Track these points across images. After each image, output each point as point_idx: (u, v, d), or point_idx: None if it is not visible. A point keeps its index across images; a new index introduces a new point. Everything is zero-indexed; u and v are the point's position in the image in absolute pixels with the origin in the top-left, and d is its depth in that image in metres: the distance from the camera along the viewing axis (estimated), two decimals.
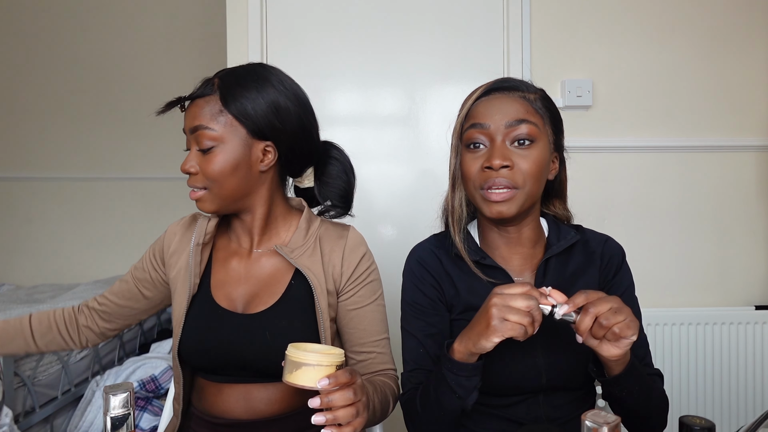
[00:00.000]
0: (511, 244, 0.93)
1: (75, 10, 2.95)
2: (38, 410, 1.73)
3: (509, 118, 0.86)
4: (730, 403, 1.75)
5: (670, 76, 1.78)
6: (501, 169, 0.84)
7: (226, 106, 0.90)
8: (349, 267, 0.96)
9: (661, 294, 1.79)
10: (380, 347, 0.97)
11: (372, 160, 1.80)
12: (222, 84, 0.91)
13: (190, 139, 0.92)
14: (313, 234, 0.97)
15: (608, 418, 0.55)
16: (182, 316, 0.93)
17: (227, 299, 0.94)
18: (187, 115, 0.92)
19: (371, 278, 0.98)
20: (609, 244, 0.97)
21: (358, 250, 0.97)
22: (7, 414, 1.33)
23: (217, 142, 0.89)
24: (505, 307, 0.70)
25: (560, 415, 0.89)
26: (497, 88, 0.90)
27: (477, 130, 0.87)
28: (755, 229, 1.81)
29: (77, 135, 2.95)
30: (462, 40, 1.78)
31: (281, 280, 0.95)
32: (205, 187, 0.91)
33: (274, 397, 0.92)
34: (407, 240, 1.76)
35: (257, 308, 0.93)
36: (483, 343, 0.72)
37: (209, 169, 0.89)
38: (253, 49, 1.74)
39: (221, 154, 0.89)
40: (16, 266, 2.98)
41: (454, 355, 0.77)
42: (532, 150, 0.86)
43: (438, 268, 0.94)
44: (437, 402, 0.81)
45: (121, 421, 0.61)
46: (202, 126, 0.89)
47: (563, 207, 1.01)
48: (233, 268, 0.97)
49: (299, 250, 0.95)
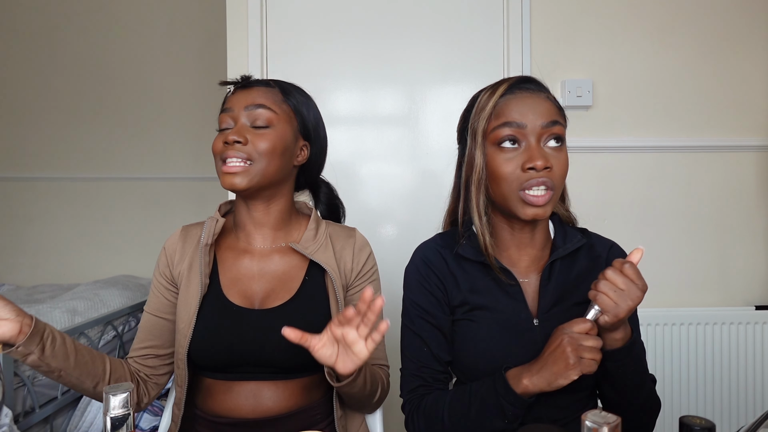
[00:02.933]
0: (522, 246, 0.93)
1: (75, 10, 2.94)
2: (38, 410, 1.72)
3: (545, 118, 0.85)
4: (730, 403, 1.75)
5: (670, 76, 1.78)
6: (543, 170, 0.83)
7: (287, 99, 0.98)
8: (358, 264, 1.02)
9: (661, 294, 1.79)
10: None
11: (372, 160, 1.80)
12: (278, 83, 0.99)
13: (240, 116, 0.94)
14: (323, 233, 1.02)
15: (608, 418, 0.55)
16: (193, 317, 0.93)
17: (242, 296, 0.95)
18: (246, 94, 0.96)
19: (374, 277, 1.05)
20: (614, 250, 0.97)
21: (365, 249, 1.04)
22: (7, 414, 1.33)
23: (273, 124, 0.95)
24: (580, 347, 0.76)
25: (563, 416, 0.89)
26: (522, 86, 0.88)
27: (512, 129, 0.85)
28: (755, 229, 1.81)
29: (77, 135, 2.95)
30: (462, 40, 1.78)
31: (296, 276, 0.98)
32: (251, 159, 0.93)
33: (282, 394, 0.93)
34: (407, 240, 1.77)
35: (274, 303, 0.94)
36: (560, 382, 0.77)
37: (262, 143, 0.93)
38: (253, 49, 1.74)
39: (275, 134, 0.94)
40: (16, 266, 2.97)
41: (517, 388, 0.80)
42: (563, 151, 0.87)
43: (443, 268, 0.94)
44: (478, 422, 0.84)
45: (121, 421, 0.61)
46: (266, 105, 0.95)
47: (564, 206, 1.01)
48: (245, 266, 0.98)
49: (313, 247, 0.99)
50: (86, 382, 0.88)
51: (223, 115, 0.97)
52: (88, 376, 0.88)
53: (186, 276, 0.97)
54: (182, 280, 0.97)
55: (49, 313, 1.96)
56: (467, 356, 0.91)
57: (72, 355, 0.86)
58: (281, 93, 0.98)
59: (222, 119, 0.97)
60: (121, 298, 2.28)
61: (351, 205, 1.80)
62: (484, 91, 0.92)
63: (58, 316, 1.95)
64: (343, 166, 1.79)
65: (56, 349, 0.84)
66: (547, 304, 0.90)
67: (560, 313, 0.89)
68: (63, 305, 2.04)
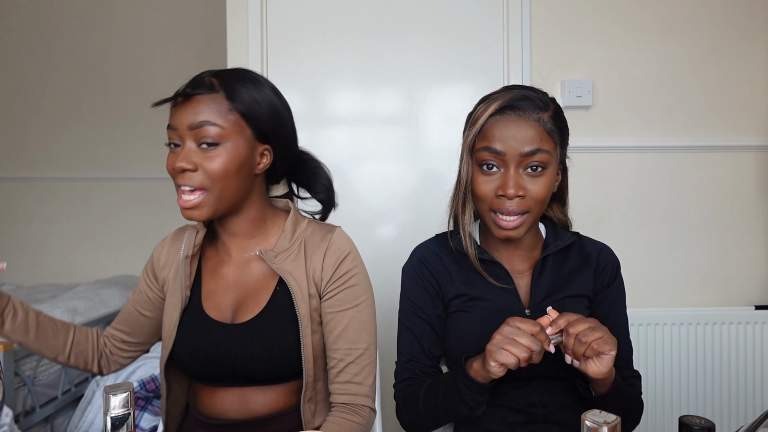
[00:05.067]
0: (511, 249, 0.97)
1: (75, 9, 2.94)
2: (38, 410, 1.72)
3: (524, 146, 0.87)
4: (730, 403, 1.75)
5: (670, 76, 1.78)
6: (514, 198, 0.87)
7: (234, 106, 0.86)
8: (329, 268, 0.92)
9: (662, 294, 1.79)
10: (352, 356, 0.91)
11: (372, 160, 1.80)
12: (223, 84, 0.87)
13: (185, 135, 0.86)
14: (299, 237, 0.95)
15: (608, 417, 0.55)
16: (174, 329, 0.93)
17: (216, 309, 0.93)
18: (186, 110, 0.86)
19: (353, 282, 0.93)
20: (605, 252, 1.00)
21: (340, 251, 0.93)
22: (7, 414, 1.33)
23: (223, 140, 0.85)
24: (510, 339, 0.75)
25: (554, 401, 0.92)
26: (515, 106, 0.89)
27: (491, 155, 0.88)
28: (755, 229, 1.81)
29: (77, 135, 2.95)
30: (462, 40, 1.78)
31: (267, 286, 0.93)
32: (203, 188, 0.86)
33: (269, 398, 0.92)
34: (407, 240, 1.76)
35: (244, 317, 0.91)
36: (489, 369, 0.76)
37: (213, 167, 0.85)
38: (253, 49, 1.74)
39: (227, 153, 0.85)
40: (16, 266, 2.97)
41: (470, 372, 0.81)
42: (543, 176, 0.88)
43: (438, 266, 0.98)
44: (445, 408, 0.85)
45: (121, 421, 0.61)
46: (209, 122, 0.84)
47: (562, 211, 1.03)
48: (222, 277, 0.95)
49: (283, 255, 0.92)
50: (46, 353, 0.96)
51: (169, 131, 0.89)
52: (48, 349, 0.95)
53: (171, 284, 0.97)
54: (168, 286, 0.97)
55: (49, 312, 1.95)
56: (458, 345, 0.94)
57: (33, 329, 0.92)
58: (227, 99, 0.86)
59: (169, 135, 0.89)
60: (121, 298, 2.28)
61: (351, 205, 1.80)
62: (484, 99, 0.93)
63: (59, 316, 1.94)
64: (343, 166, 1.79)
65: (16, 324, 0.90)
66: (538, 296, 0.94)
67: (551, 305, 0.90)
68: (63, 305, 2.04)
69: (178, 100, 0.87)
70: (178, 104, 0.87)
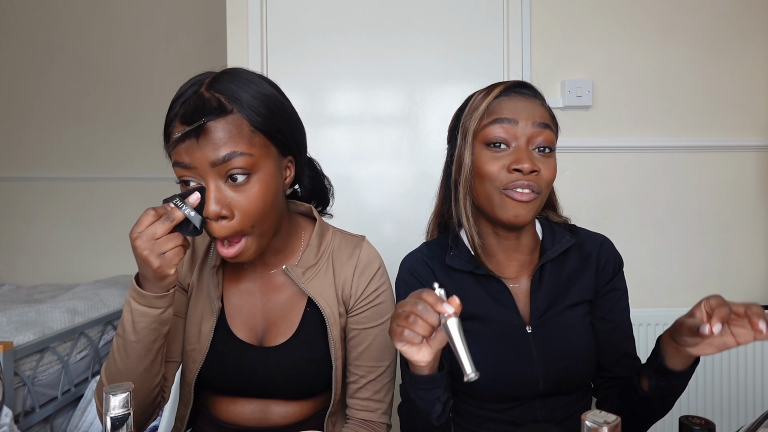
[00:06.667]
0: (509, 251, 0.92)
1: (75, 10, 2.94)
2: (38, 410, 1.72)
3: (537, 119, 0.84)
4: (730, 403, 1.75)
5: (670, 76, 1.78)
6: (530, 173, 0.82)
7: (255, 125, 0.74)
8: (358, 288, 0.89)
9: (661, 294, 1.79)
10: (374, 374, 0.89)
11: (371, 160, 1.80)
12: (231, 98, 0.73)
13: (208, 174, 0.72)
14: (326, 251, 0.90)
15: (608, 417, 0.55)
16: (206, 344, 0.87)
17: (244, 329, 0.89)
18: (203, 144, 0.71)
19: (380, 300, 0.90)
20: (605, 248, 0.96)
21: (369, 269, 0.90)
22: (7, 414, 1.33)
23: (254, 169, 0.74)
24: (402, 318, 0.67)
25: (557, 416, 0.90)
26: (517, 90, 0.88)
27: (502, 126, 0.84)
28: (755, 229, 1.81)
29: (77, 135, 2.95)
30: (462, 40, 1.78)
31: (296, 307, 0.89)
32: (243, 233, 0.75)
33: (291, 410, 0.90)
34: (406, 240, 1.76)
35: (275, 340, 0.88)
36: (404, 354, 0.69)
37: (250, 206, 0.74)
38: (253, 49, 1.74)
39: (260, 183, 0.74)
40: (16, 266, 2.97)
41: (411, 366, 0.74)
42: (551, 158, 0.86)
43: (431, 280, 0.92)
44: (409, 413, 0.81)
45: (121, 421, 0.61)
46: (237, 153, 0.71)
47: (556, 213, 1.00)
48: (247, 292, 0.90)
49: (311, 271, 0.88)
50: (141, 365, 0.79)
51: (180, 169, 0.74)
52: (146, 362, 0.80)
53: (195, 291, 0.91)
54: (192, 291, 0.92)
55: (49, 312, 1.96)
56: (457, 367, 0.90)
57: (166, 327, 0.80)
58: (246, 119, 0.73)
59: (180, 173, 0.74)
60: (121, 298, 2.28)
61: (350, 205, 1.80)
62: (478, 92, 0.91)
63: (59, 316, 1.95)
64: (343, 165, 1.79)
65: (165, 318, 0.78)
66: (539, 310, 0.90)
67: (552, 318, 0.89)
68: (63, 305, 2.04)
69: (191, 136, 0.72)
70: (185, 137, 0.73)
